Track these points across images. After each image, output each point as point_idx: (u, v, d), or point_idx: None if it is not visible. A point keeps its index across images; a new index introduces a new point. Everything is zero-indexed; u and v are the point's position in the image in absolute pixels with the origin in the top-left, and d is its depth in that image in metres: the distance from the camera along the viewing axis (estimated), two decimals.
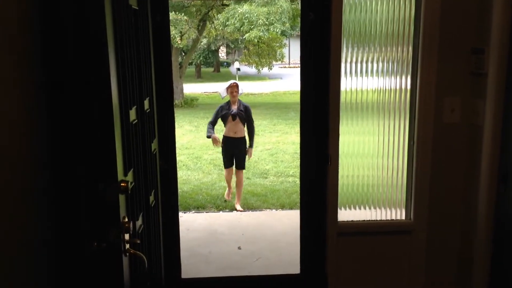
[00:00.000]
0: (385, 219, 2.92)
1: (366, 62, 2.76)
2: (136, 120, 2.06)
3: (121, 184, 1.64)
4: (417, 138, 2.78)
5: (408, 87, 2.78)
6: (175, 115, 2.97)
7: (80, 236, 1.68)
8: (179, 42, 16.54)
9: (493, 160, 2.54)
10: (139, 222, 2.00)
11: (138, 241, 1.81)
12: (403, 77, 2.79)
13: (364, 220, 2.92)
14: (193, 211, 5.83)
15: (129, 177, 1.83)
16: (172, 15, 15.84)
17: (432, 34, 2.66)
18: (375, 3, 2.72)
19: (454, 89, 2.74)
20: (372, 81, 2.79)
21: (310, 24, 2.76)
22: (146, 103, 2.39)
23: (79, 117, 1.63)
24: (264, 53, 20.88)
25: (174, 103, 16.18)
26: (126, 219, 1.69)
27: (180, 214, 5.31)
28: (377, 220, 2.92)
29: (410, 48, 2.74)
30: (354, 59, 2.75)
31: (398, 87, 2.80)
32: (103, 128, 1.61)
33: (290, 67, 28.69)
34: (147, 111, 2.41)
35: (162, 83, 2.79)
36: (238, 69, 25.86)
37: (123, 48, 1.81)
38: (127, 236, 1.67)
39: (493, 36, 2.48)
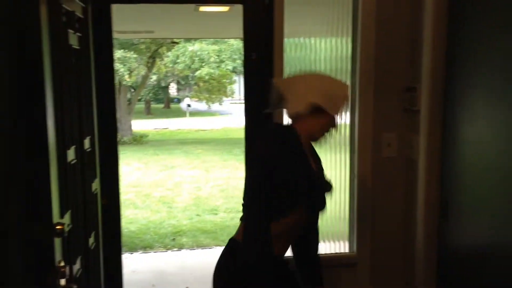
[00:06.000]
0: (329, 252, 2.96)
1: None
2: (75, 160, 2.02)
3: (57, 227, 1.59)
4: (357, 171, 2.87)
5: (348, 122, 2.89)
6: (123, 152, 2.95)
7: (15, 281, 1.60)
8: (127, 79, 16.43)
9: (429, 193, 2.65)
10: (76, 266, 1.93)
11: (75, 287, 1.75)
12: (343, 113, 2.89)
13: None
14: (140, 252, 5.67)
15: (66, 219, 1.78)
16: (120, 53, 15.77)
17: (368, 73, 2.80)
18: (315, 42, 2.85)
19: (390, 124, 2.87)
20: None
21: (252, 64, 2.83)
22: (87, 142, 2.35)
23: (15, 156, 1.58)
24: (214, 89, 21.11)
25: (123, 140, 15.81)
26: (62, 263, 1.63)
27: (126, 255, 5.16)
28: (321, 254, 2.94)
29: (349, 84, 2.86)
30: None
31: (338, 122, 2.89)
32: (38, 168, 1.57)
33: (241, 103, 29.03)
34: (88, 150, 2.36)
35: (105, 121, 2.76)
36: (189, 105, 25.87)
37: (62, 88, 1.79)
38: (62, 281, 1.61)
39: (423, 75, 2.64)
